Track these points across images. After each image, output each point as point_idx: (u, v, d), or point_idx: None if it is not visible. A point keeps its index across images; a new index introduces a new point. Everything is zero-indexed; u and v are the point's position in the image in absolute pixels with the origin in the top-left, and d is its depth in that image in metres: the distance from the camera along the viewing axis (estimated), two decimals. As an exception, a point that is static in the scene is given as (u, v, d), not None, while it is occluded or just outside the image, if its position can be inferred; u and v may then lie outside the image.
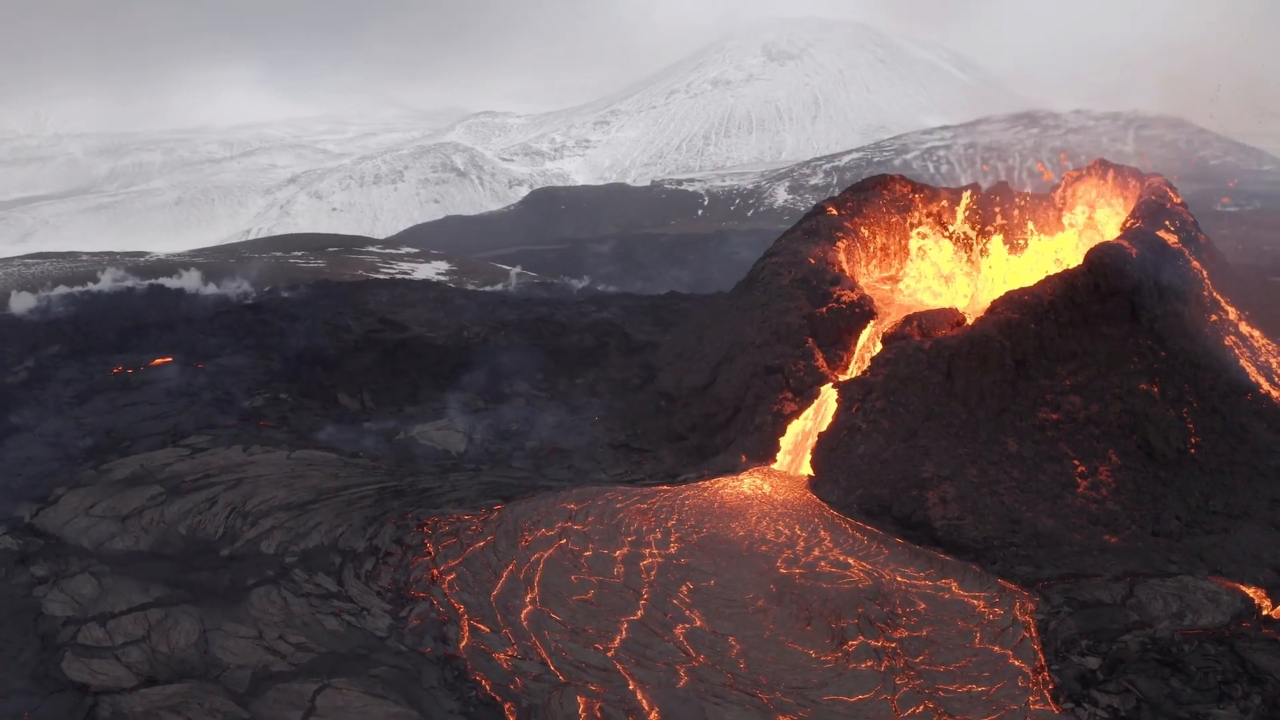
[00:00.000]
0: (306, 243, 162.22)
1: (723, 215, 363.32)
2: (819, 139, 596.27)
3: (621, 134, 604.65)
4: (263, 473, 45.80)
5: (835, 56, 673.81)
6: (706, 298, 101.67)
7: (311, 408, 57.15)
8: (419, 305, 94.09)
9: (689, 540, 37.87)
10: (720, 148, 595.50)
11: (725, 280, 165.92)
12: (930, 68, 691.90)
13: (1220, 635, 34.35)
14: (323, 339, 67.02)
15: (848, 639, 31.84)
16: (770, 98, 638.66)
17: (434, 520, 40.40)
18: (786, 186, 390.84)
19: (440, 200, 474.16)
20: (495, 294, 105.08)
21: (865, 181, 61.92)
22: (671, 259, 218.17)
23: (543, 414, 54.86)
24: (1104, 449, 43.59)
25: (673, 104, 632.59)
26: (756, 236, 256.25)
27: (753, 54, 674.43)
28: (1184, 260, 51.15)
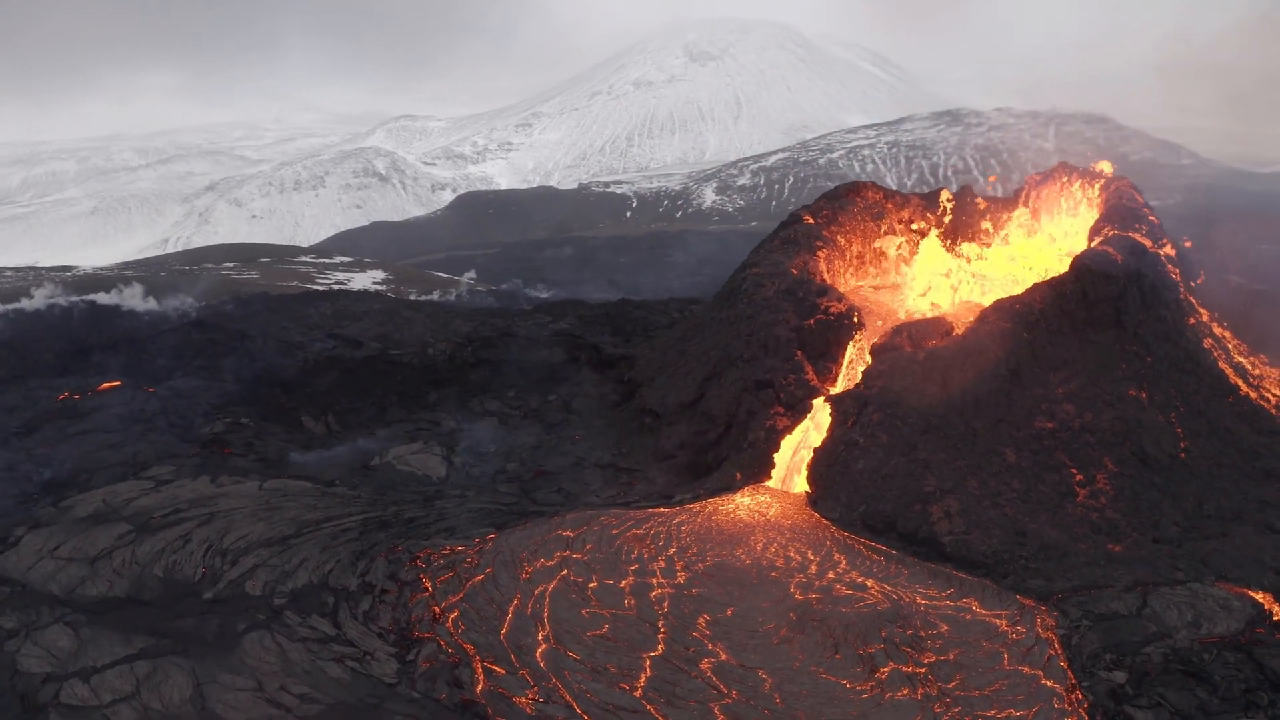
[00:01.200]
0: (237, 253, 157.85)
1: (652, 217, 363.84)
2: (742, 139, 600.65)
3: (544, 136, 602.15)
4: (235, 505, 43.58)
5: (756, 56, 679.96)
6: (660, 304, 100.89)
7: (275, 432, 54.85)
8: (366, 318, 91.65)
9: (696, 569, 36.72)
10: (644, 149, 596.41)
11: (663, 285, 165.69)
12: (850, 67, 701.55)
13: (1237, 643, 34.24)
14: (278, 358, 64.57)
15: (878, 666, 30.97)
16: (692, 98, 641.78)
17: (426, 553, 38.71)
18: (714, 187, 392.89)
19: (363, 206, 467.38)
20: (444, 304, 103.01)
21: (839, 189, 61.44)
22: (605, 262, 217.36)
23: (519, 433, 53.32)
24: (1100, 457, 43.46)
25: (595, 105, 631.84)
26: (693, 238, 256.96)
27: (674, 55, 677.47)
28: (1161, 264, 51.42)
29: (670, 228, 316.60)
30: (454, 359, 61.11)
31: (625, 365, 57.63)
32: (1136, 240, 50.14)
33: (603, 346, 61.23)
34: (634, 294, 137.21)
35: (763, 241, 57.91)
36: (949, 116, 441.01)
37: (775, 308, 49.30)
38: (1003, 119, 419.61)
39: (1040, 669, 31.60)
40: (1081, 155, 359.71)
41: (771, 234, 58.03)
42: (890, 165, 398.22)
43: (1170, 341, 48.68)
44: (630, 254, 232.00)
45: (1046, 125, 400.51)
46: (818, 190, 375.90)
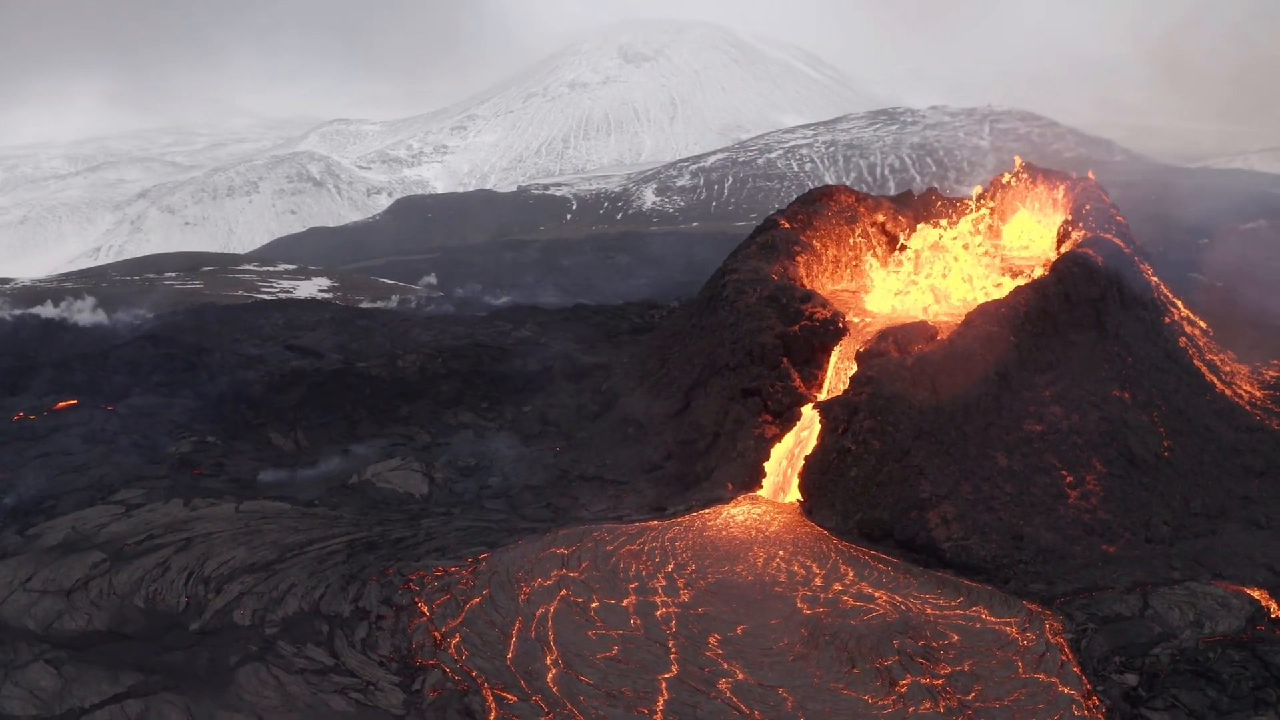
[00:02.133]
0: (179, 262, 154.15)
1: (592, 219, 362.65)
2: (677, 139, 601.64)
3: (480, 139, 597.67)
4: (213, 530, 42.11)
5: (690, 57, 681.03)
6: (618, 308, 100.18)
7: (244, 450, 53.29)
8: (319, 328, 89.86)
9: (698, 586, 36.08)
10: (580, 150, 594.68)
11: (610, 287, 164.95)
12: (784, 67, 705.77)
13: (1239, 641, 34.49)
14: (240, 372, 62.84)
15: (897, 679, 30.62)
16: (627, 99, 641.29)
17: (419, 575, 37.68)
18: (654, 189, 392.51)
19: (297, 211, 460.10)
20: (400, 313, 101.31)
21: (812, 193, 61.24)
22: (550, 265, 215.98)
23: (497, 446, 52.29)
24: (1088, 458, 43.65)
25: (530, 108, 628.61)
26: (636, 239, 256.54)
27: (608, 56, 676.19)
28: (1136, 264, 51.92)
29: (612, 230, 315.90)
30: (424, 371, 59.87)
31: (601, 375, 56.85)
32: (1114, 242, 50.56)
33: (576, 356, 60.39)
34: (583, 297, 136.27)
35: (739, 247, 57.48)
36: (885, 115, 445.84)
37: (759, 314, 48.88)
38: (938, 117, 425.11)
39: (1055, 676, 31.48)
40: (1016, 152, 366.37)
41: (747, 239, 57.63)
42: (828, 164, 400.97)
43: (1149, 341, 49.16)
44: (573, 257, 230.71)
45: (981, 123, 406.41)
46: (757, 190, 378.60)
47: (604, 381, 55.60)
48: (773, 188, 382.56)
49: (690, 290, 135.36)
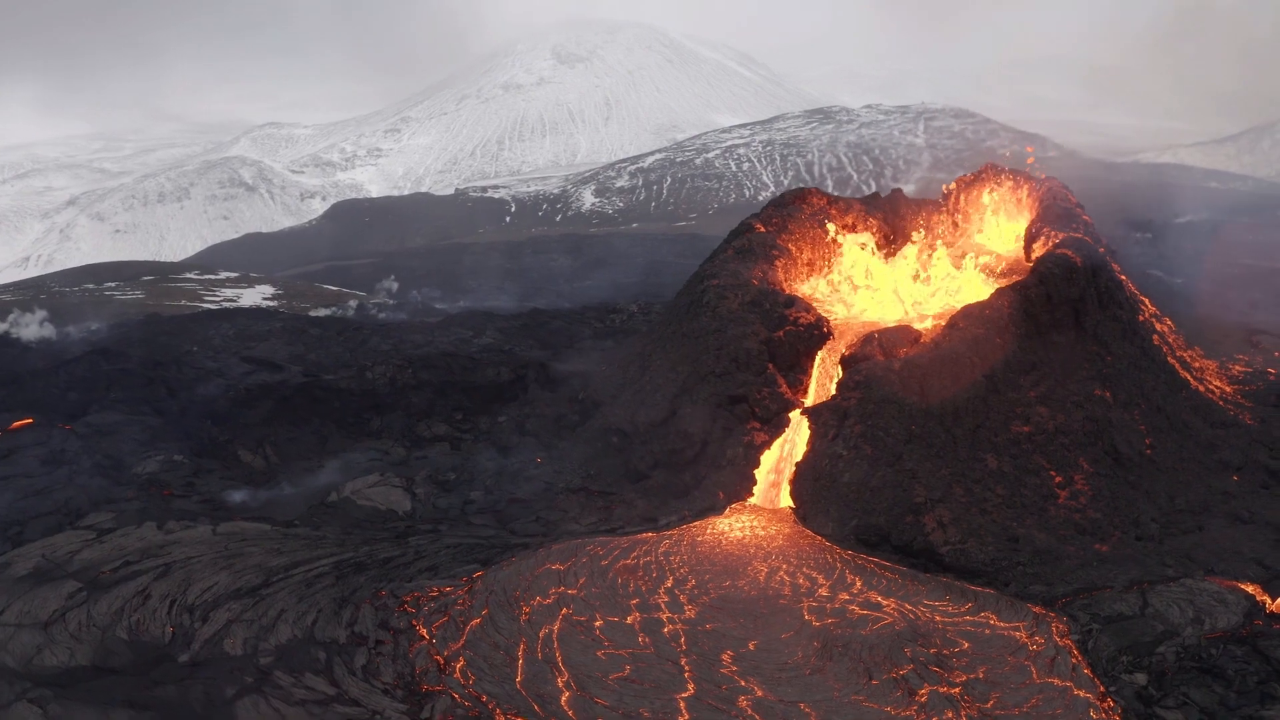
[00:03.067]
0: (118, 271, 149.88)
1: (531, 221, 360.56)
2: (613, 140, 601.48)
3: (414, 141, 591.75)
4: (191, 554, 40.63)
5: (624, 58, 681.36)
6: (575, 312, 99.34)
7: (213, 469, 51.69)
8: (271, 338, 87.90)
9: (702, 601, 35.53)
10: (515, 152, 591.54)
11: (555, 290, 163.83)
12: (717, 66, 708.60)
13: (1239, 636, 34.87)
14: (201, 386, 60.97)
15: (915, 689, 30.37)
16: (562, 100, 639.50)
17: (414, 596, 36.69)
18: (593, 190, 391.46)
19: (230, 217, 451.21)
20: (354, 321, 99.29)
21: (785, 196, 60.99)
22: (491, 268, 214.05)
23: (476, 459, 51.30)
24: (1075, 458, 43.93)
25: (464, 109, 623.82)
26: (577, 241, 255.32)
27: (542, 57, 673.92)
28: (1109, 263, 52.42)
29: (552, 231, 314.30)
30: (395, 382, 58.60)
31: (578, 383, 56.08)
32: (1089, 242, 50.99)
33: (550, 364, 59.53)
34: (531, 301, 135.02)
35: (714, 252, 57.03)
36: (820, 114, 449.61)
37: (742, 320, 48.51)
38: (873, 116, 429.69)
39: (1069, 680, 31.48)
40: (951, 150, 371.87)
41: (723, 244, 57.22)
42: (766, 163, 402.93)
43: (1127, 340, 49.64)
44: (515, 259, 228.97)
45: (915, 121, 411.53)
46: (696, 190, 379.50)
47: (581, 390, 54.82)
48: (711, 187, 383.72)
49: (641, 292, 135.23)
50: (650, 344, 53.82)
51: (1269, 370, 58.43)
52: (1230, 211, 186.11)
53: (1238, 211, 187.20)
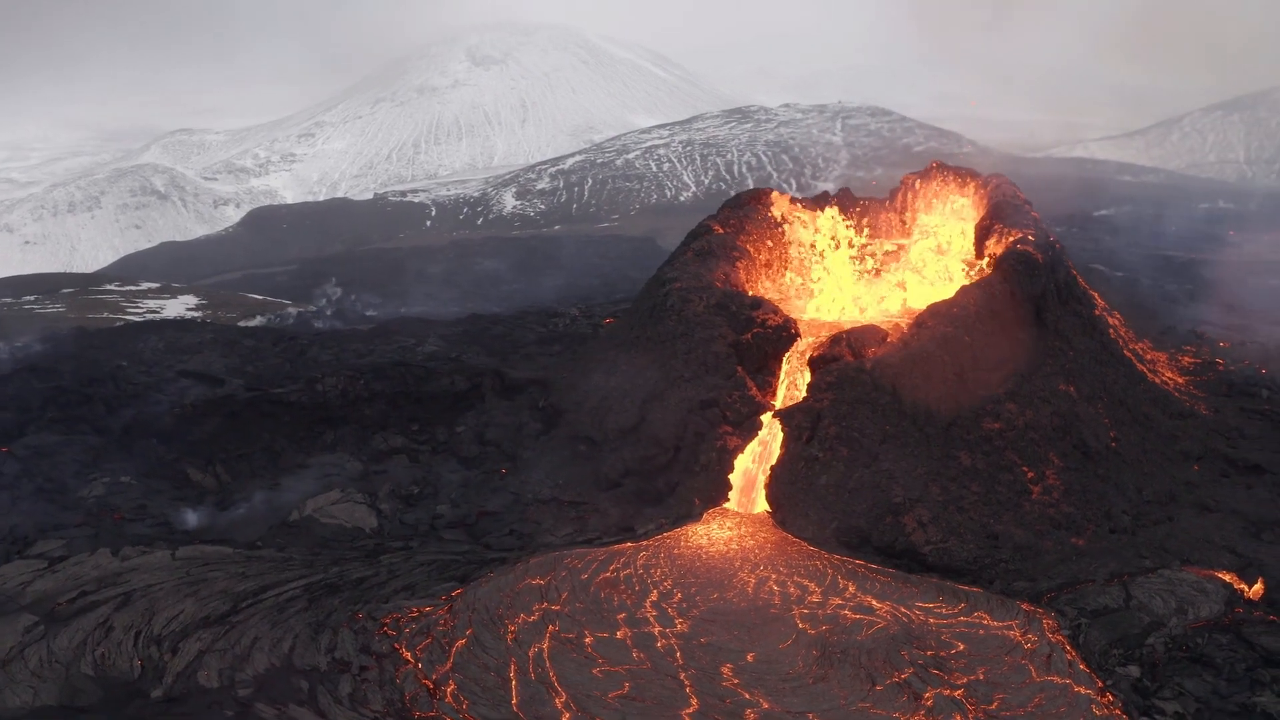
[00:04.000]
0: (35, 285, 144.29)
1: (452, 224, 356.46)
2: (529, 142, 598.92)
3: (329, 146, 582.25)
4: (152, 581, 38.75)
5: (539, 59, 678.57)
6: (515, 317, 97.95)
7: (163, 490, 49.60)
8: (204, 350, 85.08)
9: (692, 614, 34.83)
10: (431, 155, 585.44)
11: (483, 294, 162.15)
12: (632, 67, 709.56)
13: (1223, 625, 35.44)
14: (144, 403, 58.48)
15: (919, 693, 30.14)
16: (478, 103, 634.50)
17: (393, 617, 35.37)
18: (513, 192, 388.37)
19: (142, 226, 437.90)
20: (286, 330, 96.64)
21: (741, 197, 60.68)
22: (415, 273, 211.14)
23: (439, 471, 50.03)
24: (1045, 453, 44.27)
25: (379, 113, 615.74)
26: (499, 245, 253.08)
27: (456, 59, 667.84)
28: (1065, 259, 53.04)
29: (474, 235, 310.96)
30: (347, 394, 56.88)
31: (537, 390, 55.04)
32: (1048, 238, 51.51)
33: (505, 371, 58.34)
34: (459, 306, 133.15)
35: (673, 255, 56.46)
36: (739, 114, 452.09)
37: (709, 323, 48.00)
38: (790, 115, 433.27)
39: (1068, 677, 31.53)
40: (869, 148, 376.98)
41: (681, 246, 56.67)
42: (686, 163, 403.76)
43: (1086, 334, 50.28)
44: (439, 264, 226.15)
45: (833, 119, 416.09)
46: (618, 191, 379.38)
47: (542, 398, 53.81)
48: (632, 188, 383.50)
49: (576, 295, 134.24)
50: (613, 349, 53.02)
51: (1217, 361, 59.79)
52: (1146, 204, 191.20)
53: (1153, 204, 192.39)
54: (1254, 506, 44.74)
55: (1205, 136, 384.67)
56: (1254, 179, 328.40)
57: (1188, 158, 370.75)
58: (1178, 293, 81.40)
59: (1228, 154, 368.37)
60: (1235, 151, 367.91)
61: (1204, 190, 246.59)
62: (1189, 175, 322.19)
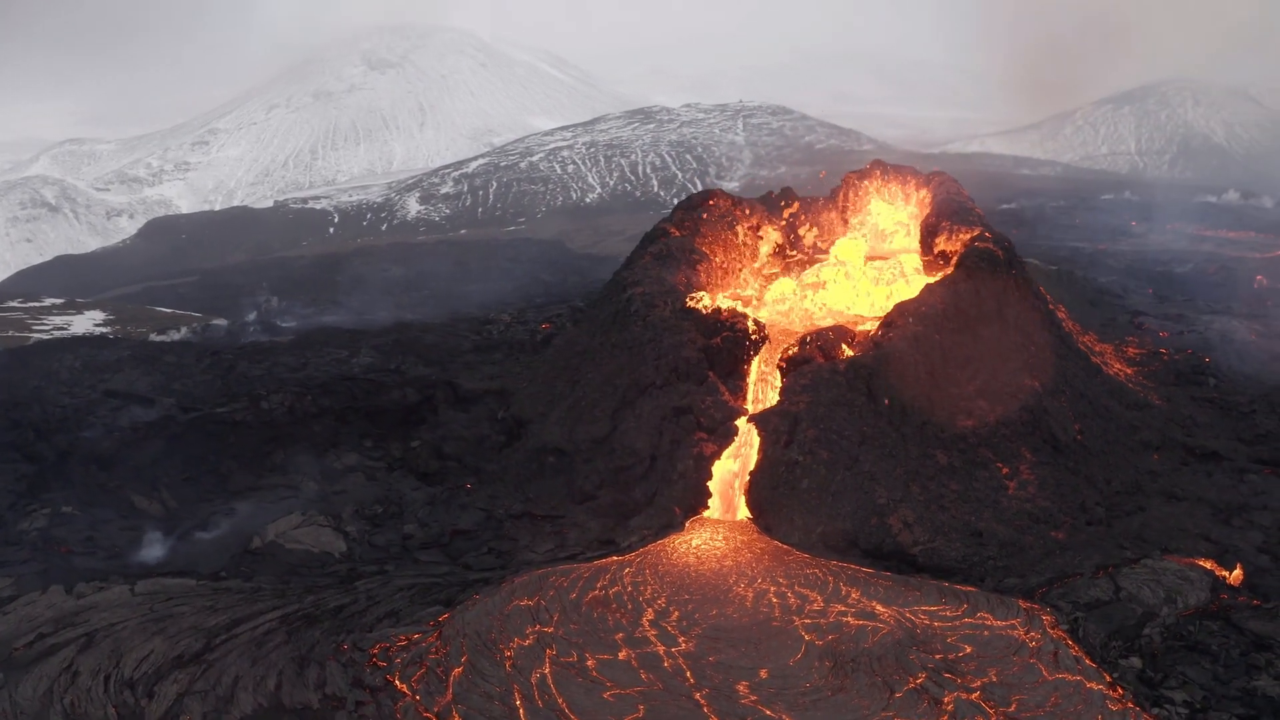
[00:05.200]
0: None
1: (356, 231, 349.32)
2: (428, 146, 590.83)
3: (223, 153, 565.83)
4: (114, 620, 36.51)
5: (437, 62, 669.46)
6: (446, 325, 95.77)
7: (110, 519, 46.95)
8: (125, 368, 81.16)
9: (694, 632, 33.90)
10: (329, 161, 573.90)
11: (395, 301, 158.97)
12: (530, 69, 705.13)
13: (1211, 612, 36.00)
14: (77, 427, 55.42)
15: (937, 698, 29.80)
16: (375, 107, 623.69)
17: (382, 647, 33.85)
18: (417, 197, 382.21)
19: (34, 239, 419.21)
20: (209, 345, 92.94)
21: (693, 199, 60.02)
22: (322, 282, 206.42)
23: (400, 488, 48.36)
24: (1017, 448, 44.61)
25: (274, 119, 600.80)
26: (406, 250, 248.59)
27: (352, 63, 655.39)
28: (1018, 255, 53.58)
29: (379, 242, 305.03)
30: (294, 411, 54.71)
31: (493, 401, 53.65)
32: (1003, 235, 51.95)
33: (457, 383, 56.76)
34: (373, 315, 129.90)
35: (630, 259, 55.56)
36: (641, 115, 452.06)
37: (677, 328, 47.23)
38: (693, 115, 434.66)
39: (1079, 674, 31.53)
40: (772, 146, 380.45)
41: (638, 249, 55.80)
42: (591, 165, 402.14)
43: (1045, 329, 50.87)
44: (344, 272, 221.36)
45: (734, 119, 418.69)
46: (523, 194, 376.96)
47: (501, 409, 52.44)
48: (538, 191, 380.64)
49: (491, 299, 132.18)
50: (572, 357, 51.90)
51: (1161, 350, 61.18)
52: (1046, 196, 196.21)
53: (1052, 196, 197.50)
54: (1217, 493, 45.74)
55: (1097, 129, 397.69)
56: (1145, 170, 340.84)
57: (1081, 150, 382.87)
58: (1113, 285, 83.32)
59: (1119, 146, 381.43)
60: (1127, 144, 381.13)
61: (1101, 182, 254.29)
62: (1083, 168, 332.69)
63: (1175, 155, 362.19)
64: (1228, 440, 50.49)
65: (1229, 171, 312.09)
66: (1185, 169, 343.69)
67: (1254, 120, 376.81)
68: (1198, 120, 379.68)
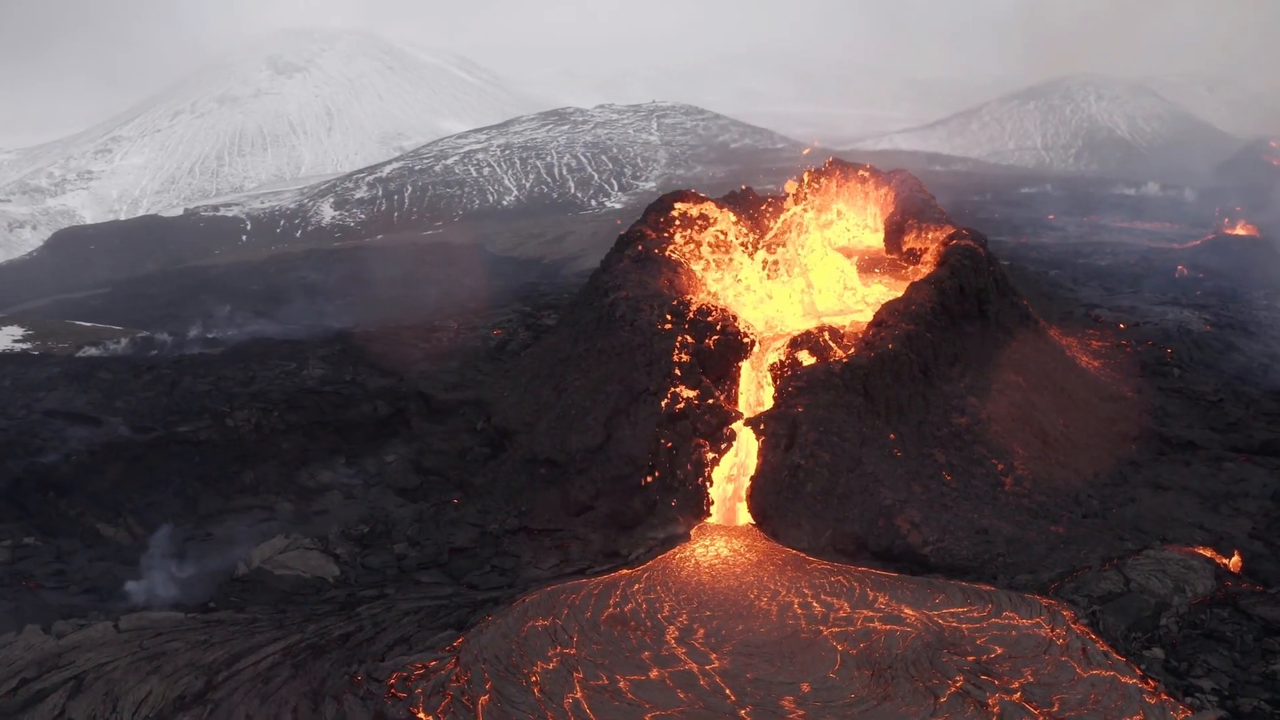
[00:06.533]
0: None
1: (270, 238, 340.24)
2: (337, 151, 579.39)
3: (127, 161, 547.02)
4: (102, 660, 34.57)
5: (343, 66, 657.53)
6: (390, 332, 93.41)
7: (76, 550, 44.58)
8: (59, 386, 77.63)
9: (725, 649, 33.08)
10: (236, 167, 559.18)
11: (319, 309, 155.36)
12: (438, 72, 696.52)
13: (1220, 600, 36.46)
14: (25, 451, 52.62)
15: (982, 701, 29.58)
16: (281, 112, 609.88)
17: (398, 677, 32.47)
18: (331, 203, 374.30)
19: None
20: (144, 360, 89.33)
21: (663, 200, 59.25)
22: (238, 291, 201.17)
23: (381, 506, 46.83)
24: (1009, 444, 44.88)
25: (179, 125, 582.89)
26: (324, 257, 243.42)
27: (257, 68, 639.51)
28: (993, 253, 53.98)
29: (294, 249, 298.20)
30: (261, 428, 52.68)
31: (469, 411, 52.31)
32: (980, 233, 52.28)
33: (430, 394, 55.24)
34: (295, 323, 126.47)
35: (606, 263, 54.66)
36: (556, 116, 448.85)
37: (667, 333, 46.49)
38: (606, 115, 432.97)
39: (1111, 669, 31.63)
40: (686, 146, 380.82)
41: (613, 253, 54.91)
42: (506, 167, 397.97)
43: (1023, 325, 51.37)
44: (261, 281, 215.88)
45: (648, 119, 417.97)
46: (439, 198, 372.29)
47: (480, 420, 51.16)
48: (454, 194, 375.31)
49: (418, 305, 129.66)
50: (554, 364, 50.85)
51: (1123, 343, 62.22)
52: (961, 191, 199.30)
53: (967, 191, 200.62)
54: (1199, 482, 46.57)
55: (1003, 125, 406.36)
56: (1051, 164, 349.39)
57: (988, 146, 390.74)
58: (1061, 277, 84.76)
59: (1025, 141, 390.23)
60: (1033, 139, 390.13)
61: (1012, 176, 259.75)
62: (992, 163, 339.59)
63: (1080, 149, 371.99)
64: (1201, 429, 51.50)
65: (1133, 164, 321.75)
66: (1091, 162, 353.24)
67: (1155, 113, 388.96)
68: (1101, 114, 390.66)
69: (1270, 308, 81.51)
